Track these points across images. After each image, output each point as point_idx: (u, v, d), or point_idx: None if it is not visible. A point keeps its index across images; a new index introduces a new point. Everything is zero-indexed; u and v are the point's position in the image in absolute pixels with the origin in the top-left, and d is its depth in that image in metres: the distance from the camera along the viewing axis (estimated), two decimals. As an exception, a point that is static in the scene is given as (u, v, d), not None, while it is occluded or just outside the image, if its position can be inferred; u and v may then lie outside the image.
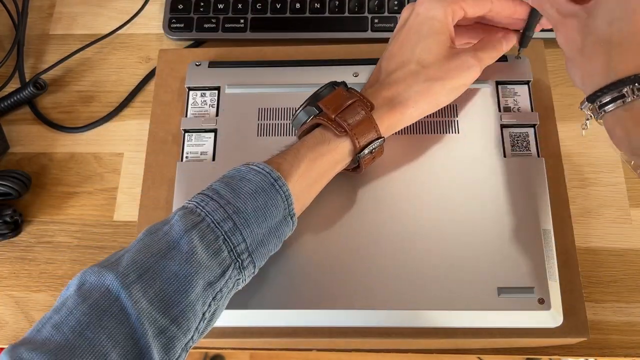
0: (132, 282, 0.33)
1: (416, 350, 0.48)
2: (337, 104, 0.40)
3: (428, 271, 0.43)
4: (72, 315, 0.32)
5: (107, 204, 0.52)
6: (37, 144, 0.56)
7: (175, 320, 0.34)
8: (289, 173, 0.39)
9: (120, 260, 0.35)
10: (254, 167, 0.39)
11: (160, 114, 0.52)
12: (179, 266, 0.34)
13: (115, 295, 0.33)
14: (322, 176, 0.42)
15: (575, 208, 0.49)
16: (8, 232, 0.51)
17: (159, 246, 0.35)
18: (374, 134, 0.40)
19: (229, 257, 0.36)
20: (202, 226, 0.36)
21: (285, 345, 0.48)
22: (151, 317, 0.33)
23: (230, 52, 0.54)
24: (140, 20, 0.60)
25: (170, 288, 0.34)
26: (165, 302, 0.34)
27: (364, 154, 0.41)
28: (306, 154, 0.40)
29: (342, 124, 0.40)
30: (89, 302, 0.32)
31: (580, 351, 0.45)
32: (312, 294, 0.43)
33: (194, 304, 0.34)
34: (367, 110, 0.40)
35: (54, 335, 0.31)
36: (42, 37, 0.61)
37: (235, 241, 0.36)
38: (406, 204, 0.45)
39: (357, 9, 0.57)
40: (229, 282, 0.37)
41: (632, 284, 0.47)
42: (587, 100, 0.37)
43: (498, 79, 0.49)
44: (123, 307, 0.33)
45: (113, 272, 0.33)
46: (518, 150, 0.47)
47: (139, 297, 0.33)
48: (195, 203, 0.37)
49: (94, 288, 0.33)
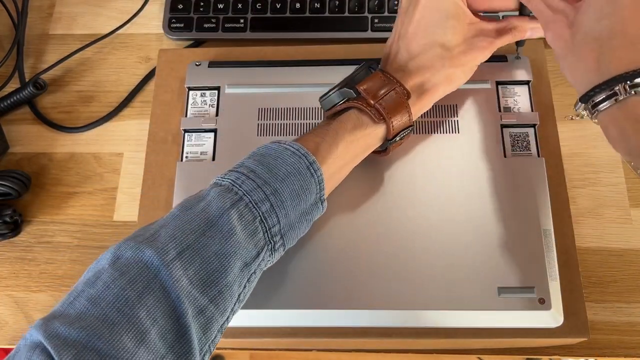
0: (173, 260, 0.32)
1: (416, 350, 0.48)
2: (376, 89, 0.40)
3: (428, 271, 0.43)
4: (109, 289, 0.31)
5: (107, 204, 0.52)
6: (36, 144, 0.55)
7: (213, 300, 0.33)
8: (326, 155, 0.39)
9: (157, 236, 0.34)
10: (288, 147, 0.38)
11: (160, 114, 0.52)
12: (219, 245, 0.34)
13: (154, 271, 0.32)
14: (353, 159, 0.42)
15: (575, 208, 0.49)
16: (8, 232, 0.51)
17: (197, 223, 0.34)
18: (408, 122, 0.41)
19: (263, 238, 0.36)
20: (240, 205, 0.35)
21: (285, 345, 0.48)
22: (191, 296, 0.32)
23: (230, 52, 0.54)
24: (140, 20, 0.60)
25: (210, 267, 0.33)
26: (205, 282, 0.33)
27: (395, 140, 0.42)
28: (344, 137, 0.40)
29: (381, 112, 0.40)
30: (127, 277, 0.31)
31: (581, 351, 0.45)
32: (312, 294, 0.43)
33: (231, 285, 0.34)
34: (404, 99, 0.40)
35: (90, 309, 0.30)
36: (42, 37, 0.60)
37: (271, 222, 0.36)
38: (406, 203, 0.45)
39: (357, 9, 0.57)
40: (262, 263, 0.37)
41: (633, 284, 0.47)
42: (580, 100, 0.36)
43: (498, 79, 0.49)
44: (163, 285, 0.32)
45: (152, 247, 0.32)
46: (518, 150, 0.47)
47: (180, 275, 0.32)
48: (230, 181, 0.36)
49: (131, 263, 0.32)
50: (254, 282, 0.37)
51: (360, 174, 0.45)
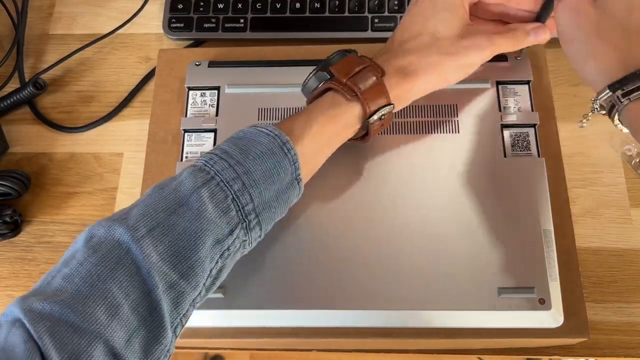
0: (143, 236, 0.33)
1: (416, 350, 0.48)
2: (349, 68, 0.41)
3: (428, 271, 0.43)
4: (82, 266, 0.32)
5: (106, 204, 0.52)
6: (36, 144, 0.55)
7: (184, 275, 0.34)
8: (300, 135, 0.39)
9: (128, 215, 0.34)
10: (262, 129, 0.39)
11: (160, 114, 0.52)
12: (189, 222, 0.34)
13: (125, 248, 0.33)
14: (331, 140, 0.42)
15: (576, 208, 0.49)
16: (8, 232, 0.51)
17: (168, 202, 0.35)
18: (384, 100, 0.41)
19: (236, 216, 0.36)
20: (212, 184, 0.36)
21: (285, 346, 0.48)
22: (161, 271, 0.33)
23: (230, 52, 0.54)
24: (140, 20, 0.60)
25: (180, 243, 0.34)
26: (175, 257, 0.34)
27: (373, 120, 0.41)
28: (317, 117, 0.40)
29: (353, 88, 0.40)
30: (99, 254, 0.32)
31: (581, 351, 0.45)
32: (312, 294, 0.43)
33: (202, 260, 0.35)
34: (378, 76, 0.40)
35: (65, 286, 0.31)
36: (42, 37, 0.60)
37: (244, 201, 0.36)
38: (406, 203, 0.45)
39: (357, 8, 0.57)
40: (236, 241, 0.37)
41: (633, 284, 0.47)
42: (608, 88, 0.36)
43: (498, 79, 0.49)
44: (134, 260, 0.33)
45: (123, 225, 0.33)
46: (518, 150, 0.47)
47: (150, 251, 0.33)
48: (203, 161, 0.37)
49: (103, 241, 0.33)
50: (228, 258, 0.37)
51: (360, 174, 0.45)
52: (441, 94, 0.48)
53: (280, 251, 0.44)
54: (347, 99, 0.40)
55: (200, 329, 0.44)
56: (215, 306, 0.42)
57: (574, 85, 0.54)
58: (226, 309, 0.43)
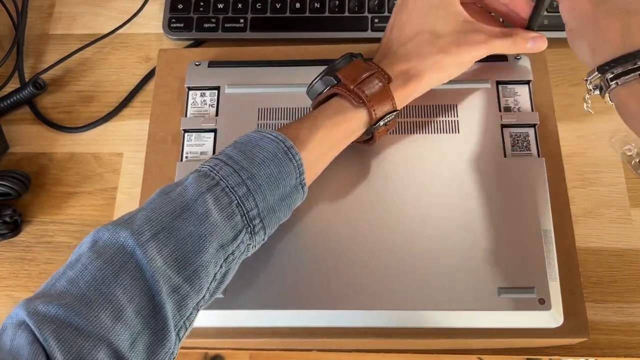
0: (147, 240, 0.33)
1: (416, 350, 0.48)
2: (356, 74, 0.41)
3: (428, 271, 0.43)
4: (87, 270, 0.32)
5: (106, 204, 0.52)
6: (36, 144, 0.55)
7: (188, 280, 0.34)
8: (305, 141, 0.39)
9: (133, 219, 0.35)
10: (267, 134, 0.39)
11: (160, 114, 0.52)
12: (194, 227, 0.35)
13: (130, 252, 0.33)
14: (336, 145, 0.42)
15: (576, 208, 0.49)
16: (7, 232, 0.51)
17: (173, 206, 0.35)
18: (390, 106, 0.41)
19: (241, 221, 0.37)
20: (217, 190, 0.36)
21: (285, 346, 0.48)
22: (165, 275, 0.33)
23: (230, 52, 0.54)
24: (140, 20, 0.60)
25: (185, 248, 0.34)
26: (180, 262, 0.34)
27: (379, 126, 0.42)
28: (324, 123, 0.40)
29: (360, 95, 0.40)
30: (104, 258, 0.33)
31: (581, 351, 0.45)
32: (312, 294, 0.43)
33: (207, 265, 0.35)
34: (384, 82, 0.41)
35: (70, 289, 0.31)
36: (42, 37, 0.60)
37: (248, 206, 0.37)
38: (406, 203, 0.45)
39: (357, 8, 0.57)
40: (240, 245, 0.37)
41: (633, 284, 0.47)
42: (597, 70, 0.36)
43: (498, 79, 0.49)
44: (138, 264, 0.33)
45: (127, 229, 0.34)
46: (518, 150, 0.47)
47: (154, 255, 0.33)
48: (209, 167, 0.37)
49: (108, 245, 0.33)
50: (233, 262, 0.37)
51: (359, 174, 0.45)
52: (441, 94, 0.48)
53: (280, 251, 0.44)
54: (354, 105, 0.41)
55: (200, 329, 0.44)
56: (215, 306, 0.42)
57: (574, 85, 0.54)
58: (226, 309, 0.43)
